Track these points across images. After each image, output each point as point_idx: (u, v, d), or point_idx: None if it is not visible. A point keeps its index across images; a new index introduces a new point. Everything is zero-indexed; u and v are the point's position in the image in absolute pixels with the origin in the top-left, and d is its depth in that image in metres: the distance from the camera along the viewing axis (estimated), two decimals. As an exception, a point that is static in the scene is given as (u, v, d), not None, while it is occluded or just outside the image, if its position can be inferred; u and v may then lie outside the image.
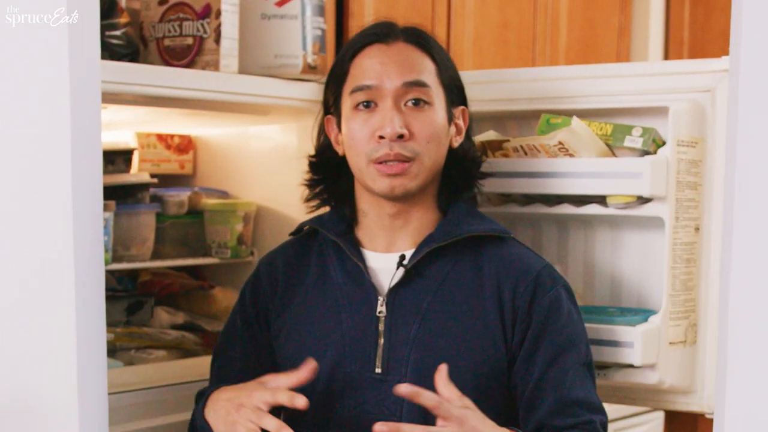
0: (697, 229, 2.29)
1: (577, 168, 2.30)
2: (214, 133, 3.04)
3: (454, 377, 1.93)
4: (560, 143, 2.29)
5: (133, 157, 2.82)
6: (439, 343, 2.03)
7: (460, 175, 2.16)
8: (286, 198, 2.83)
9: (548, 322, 2.04)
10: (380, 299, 2.08)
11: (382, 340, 2.05)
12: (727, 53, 1.69)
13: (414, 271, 2.08)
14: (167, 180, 2.97)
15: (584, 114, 2.34)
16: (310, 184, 2.24)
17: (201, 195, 2.90)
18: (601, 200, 2.32)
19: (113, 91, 2.26)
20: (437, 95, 2.09)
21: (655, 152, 2.26)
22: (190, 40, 2.55)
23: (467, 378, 1.99)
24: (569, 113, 2.33)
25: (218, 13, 2.51)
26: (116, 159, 2.75)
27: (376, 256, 2.13)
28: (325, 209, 2.24)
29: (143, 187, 2.72)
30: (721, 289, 1.56)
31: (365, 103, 2.07)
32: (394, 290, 2.08)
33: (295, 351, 2.12)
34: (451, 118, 2.13)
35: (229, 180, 2.99)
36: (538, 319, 2.04)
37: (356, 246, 2.15)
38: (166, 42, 2.58)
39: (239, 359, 2.20)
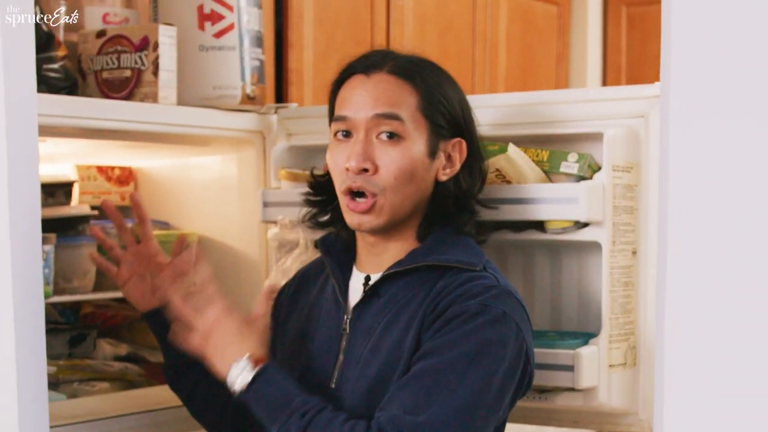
0: (634, 252, 2.31)
1: (515, 194, 2.31)
2: (155, 165, 3.04)
3: (381, 393, 1.97)
4: (497, 170, 2.30)
5: (73, 190, 2.81)
6: (374, 361, 2.03)
7: (438, 209, 2.11)
8: (227, 228, 2.84)
9: (442, 327, 1.96)
10: (345, 317, 2.10)
11: (341, 357, 2.08)
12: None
13: (376, 292, 2.08)
14: (108, 212, 2.96)
15: (520, 140, 2.36)
16: (309, 203, 2.26)
17: (142, 226, 2.90)
18: (538, 226, 2.34)
19: (51, 124, 2.26)
20: (415, 128, 2.06)
21: (591, 177, 2.28)
22: (128, 73, 2.55)
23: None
24: (505, 140, 2.35)
25: (156, 45, 2.52)
26: (56, 192, 2.74)
27: (359, 276, 2.14)
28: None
29: (84, 219, 2.71)
30: (657, 312, 1.58)
31: (343, 132, 2.08)
32: (357, 309, 2.09)
33: (282, 357, 2.19)
34: (434, 152, 2.08)
35: (170, 211, 2.98)
36: (441, 321, 1.97)
37: (345, 265, 2.16)
38: (104, 74, 2.58)
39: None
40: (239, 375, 1.98)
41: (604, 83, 4.84)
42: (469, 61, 4.16)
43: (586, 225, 2.28)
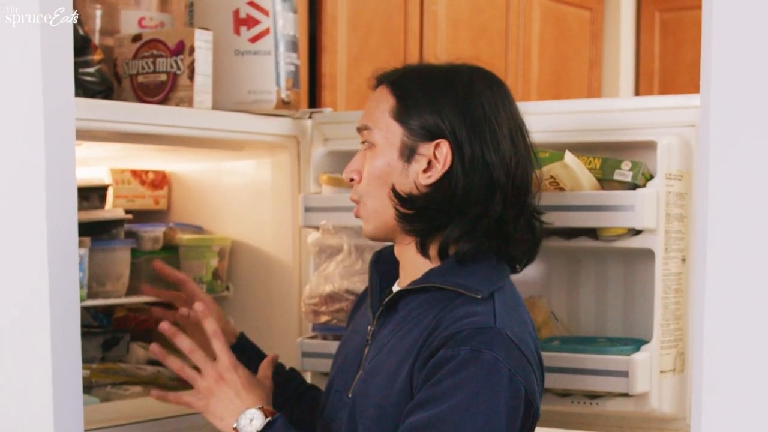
0: (683, 259, 2.33)
1: (570, 201, 2.32)
2: (189, 169, 3.05)
3: (368, 410, 2.00)
4: (552, 177, 2.30)
5: (107, 193, 2.82)
6: (373, 379, 2.03)
7: (424, 216, 2.05)
8: (260, 233, 2.84)
9: (434, 373, 1.91)
10: (370, 328, 2.11)
11: (361, 370, 2.08)
12: (696, 84, 1.71)
13: (394, 307, 2.08)
14: (142, 216, 2.97)
15: (569, 148, 2.35)
16: None
17: (176, 230, 2.90)
18: (589, 233, 2.35)
19: (87, 128, 2.26)
20: (387, 133, 2.05)
21: (643, 185, 2.29)
22: (163, 77, 2.56)
23: (371, 412, 2.00)
24: (556, 147, 2.35)
25: (191, 50, 2.52)
26: (91, 195, 2.75)
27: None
28: None
29: (118, 223, 2.72)
30: (695, 318, 1.57)
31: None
32: (379, 321, 2.10)
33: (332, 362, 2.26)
34: (411, 155, 2.03)
35: (203, 215, 2.99)
36: (432, 365, 1.92)
37: (388, 278, 2.17)
38: (140, 79, 2.59)
39: None
40: (249, 423, 2.03)
41: (637, 89, 4.83)
42: (502, 66, 4.15)
43: (638, 233, 2.29)
